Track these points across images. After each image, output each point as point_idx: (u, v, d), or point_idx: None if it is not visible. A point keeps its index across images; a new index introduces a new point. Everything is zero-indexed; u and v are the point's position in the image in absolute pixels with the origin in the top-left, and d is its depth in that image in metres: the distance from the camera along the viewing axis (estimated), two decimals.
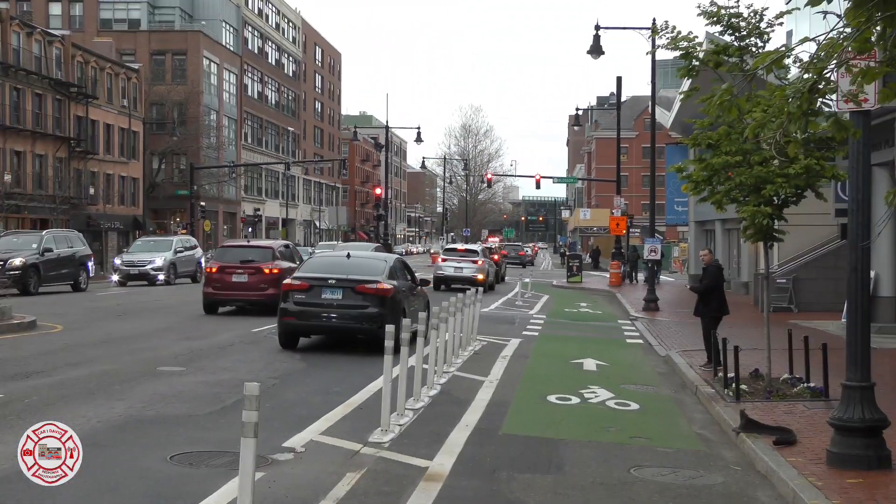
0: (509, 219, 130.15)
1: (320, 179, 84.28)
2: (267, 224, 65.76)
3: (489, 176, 54.55)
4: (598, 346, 14.34)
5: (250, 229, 59.54)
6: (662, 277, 36.71)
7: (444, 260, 28.44)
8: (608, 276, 35.42)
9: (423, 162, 67.00)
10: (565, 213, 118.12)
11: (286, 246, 19.62)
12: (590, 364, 11.93)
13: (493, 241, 74.16)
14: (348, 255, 12.58)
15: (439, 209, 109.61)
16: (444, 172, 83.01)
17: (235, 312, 17.47)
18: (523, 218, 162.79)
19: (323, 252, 15.61)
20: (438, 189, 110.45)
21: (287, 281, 12.01)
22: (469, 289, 14.18)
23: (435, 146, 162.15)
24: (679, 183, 10.52)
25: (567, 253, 67.86)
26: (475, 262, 28.13)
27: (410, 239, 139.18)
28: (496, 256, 33.25)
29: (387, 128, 48.54)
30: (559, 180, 48.46)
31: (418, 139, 45.14)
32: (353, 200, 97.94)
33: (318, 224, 79.65)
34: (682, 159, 10.69)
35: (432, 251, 65.31)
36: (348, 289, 11.60)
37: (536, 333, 15.89)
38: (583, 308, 22.82)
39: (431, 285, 28.48)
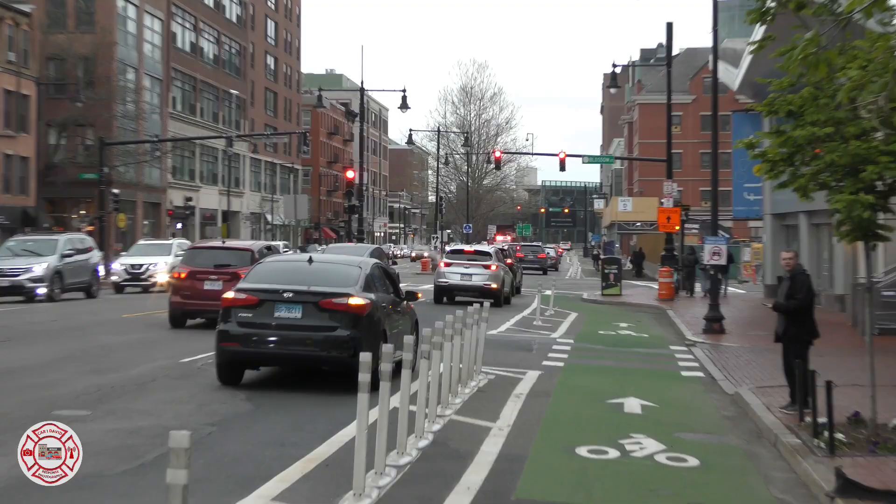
0: (524, 211, 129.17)
1: (274, 159, 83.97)
2: (202, 218, 65.67)
3: (497, 154, 54.59)
4: (644, 381, 14.46)
5: (179, 225, 59.47)
6: (729, 289, 36.73)
7: (447, 264, 29.35)
8: (656, 286, 35.71)
9: (411, 136, 66.56)
10: (599, 204, 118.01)
11: (268, 248, 20.69)
12: (632, 404, 12.01)
13: (502, 241, 74.10)
14: (310, 260, 12.77)
15: (432, 198, 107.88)
16: (438, 150, 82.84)
17: (168, 334, 17.95)
18: (543, 210, 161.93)
19: (278, 256, 15.90)
20: (430, 172, 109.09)
21: (229, 294, 12.18)
22: (480, 302, 14.19)
23: (426, 115, 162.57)
24: (750, 163, 10.77)
25: (601, 256, 66.33)
26: (487, 266, 28.93)
27: (394, 238, 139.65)
28: (509, 261, 33.89)
29: (361, 91, 48.23)
30: (590, 160, 47.77)
31: (404, 106, 44.88)
32: (316, 187, 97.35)
33: (269, 218, 79.35)
34: (754, 131, 10.64)
35: (426, 255, 65.85)
36: (310, 304, 11.72)
37: (561, 364, 16.03)
38: (623, 330, 23.03)
39: (432, 297, 29.28)
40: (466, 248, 31.67)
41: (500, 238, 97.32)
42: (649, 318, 27.18)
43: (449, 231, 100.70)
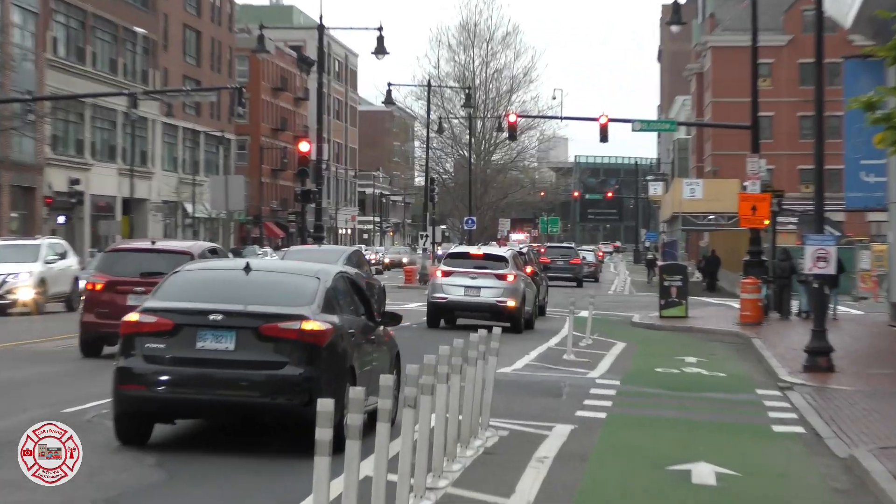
0: (550, 198, 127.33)
1: (196, 125, 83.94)
2: (94, 208, 65.57)
3: (512, 118, 54.09)
4: (720, 439, 14.57)
5: (62, 218, 59.35)
6: (840, 308, 36.90)
7: (445, 273, 30.16)
8: (736, 305, 36.16)
9: (390, 94, 66.13)
10: (655, 189, 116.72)
11: (213, 251, 21.27)
12: (703, 473, 12.12)
13: (519, 241, 72.86)
14: (247, 268, 12.97)
15: (419, 181, 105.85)
16: (429, 113, 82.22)
17: (61, 369, 18.23)
18: (576, 195, 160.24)
19: (202, 263, 15.94)
20: (418, 144, 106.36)
21: (131, 317, 12.33)
22: (490, 326, 14.70)
23: (411, 64, 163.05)
24: (870, 131, 10.87)
25: (658, 262, 67.41)
26: (502, 276, 29.68)
27: (366, 236, 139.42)
28: (529, 269, 34.49)
29: (321, 29, 48.08)
30: (644, 126, 46.69)
31: (380, 51, 44.94)
32: (256, 165, 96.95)
33: (190, 209, 79.18)
34: (875, 86, 10.93)
35: (405, 260, 64.12)
36: (247, 330, 11.93)
37: (602, 415, 16.20)
38: (690, 366, 23.32)
39: (423, 320, 29.90)
40: (473, 250, 32.36)
41: (515, 237, 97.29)
42: (727, 350, 27.30)
43: (444, 227, 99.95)
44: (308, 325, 11.94)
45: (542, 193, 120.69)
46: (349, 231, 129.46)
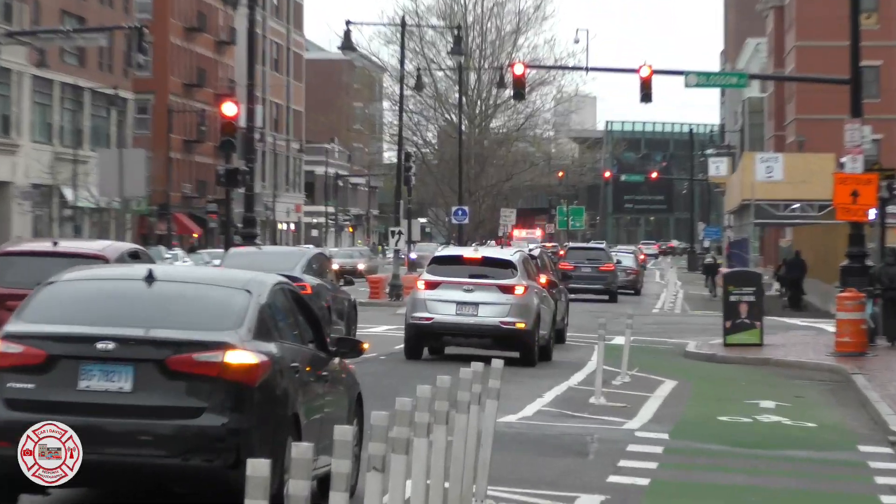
0: (572, 180, 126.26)
1: (79, 79, 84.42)
2: None
3: (519, 70, 54.93)
4: None
5: None
6: None
7: (430, 284, 30.70)
8: (831, 327, 36.39)
9: (348, 35, 65.87)
10: (717, 167, 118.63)
11: (134, 254, 22.38)
12: None
13: (528, 240, 71.63)
14: (150, 277, 12.93)
15: (389, 156, 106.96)
16: (403, 62, 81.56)
17: None
18: (608, 176, 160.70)
19: (89, 271, 15.81)
20: (388, 106, 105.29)
21: None
22: (490, 357, 14.69)
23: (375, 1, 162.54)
24: None
25: (722, 267, 67.63)
26: (508, 288, 30.28)
27: (315, 233, 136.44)
28: (544, 278, 35.10)
29: None
30: (702, 81, 47.27)
31: None
32: (162, 135, 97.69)
33: (70, 196, 79.52)
34: None
35: (361, 266, 65.17)
36: (149, 364, 11.98)
37: (644, 481, 16.37)
38: (767, 413, 23.57)
39: (400, 348, 30.29)
40: (468, 252, 32.89)
41: (523, 234, 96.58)
42: (818, 391, 27.49)
43: (424, 220, 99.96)
44: (234, 357, 11.97)
45: (561, 174, 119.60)
46: (292, 226, 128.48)
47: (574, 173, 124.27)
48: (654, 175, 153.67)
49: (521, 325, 29.42)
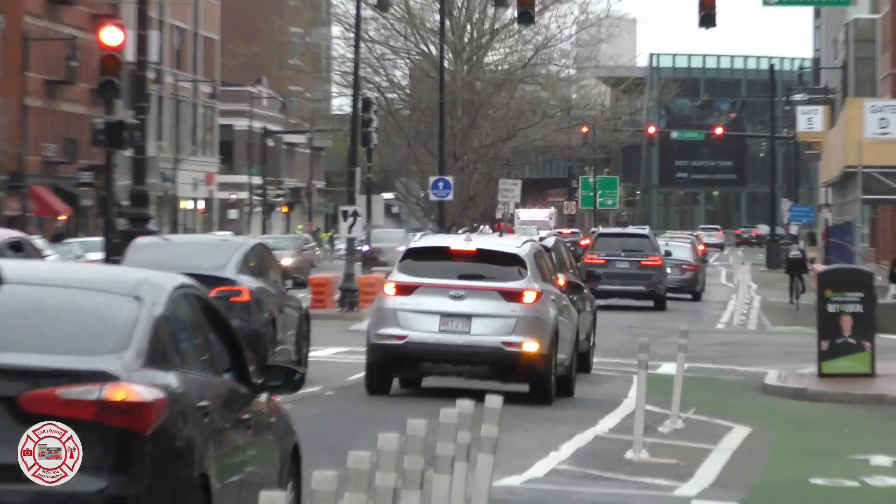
0: (601, 137, 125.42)
1: None
2: None
3: None
4: None
5: None
6: None
7: (401, 288, 31.16)
8: None
9: None
10: (809, 120, 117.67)
11: (15, 246, 23.73)
12: None
13: (539, 223, 72.30)
14: None
15: (341, 103, 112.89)
16: None
17: None
18: (651, 132, 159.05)
19: None
20: (338, 33, 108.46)
21: None
22: (485, 393, 15.09)
23: None
24: None
25: (815, 263, 68.70)
26: (513, 294, 30.73)
27: (234, 215, 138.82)
28: (564, 277, 36.03)
29: None
30: None
31: None
32: (15, 73, 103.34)
33: None
34: None
35: (287, 261, 65.62)
36: None
37: None
38: (880, 475, 24.25)
39: (359, 379, 31.65)
40: (457, 243, 33.49)
41: (532, 215, 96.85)
42: None
43: (390, 196, 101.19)
44: (117, 393, 11.96)
45: (586, 129, 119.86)
46: (201, 205, 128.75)
47: (605, 129, 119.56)
48: (719, 131, 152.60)
49: (531, 347, 30.04)
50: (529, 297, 30.05)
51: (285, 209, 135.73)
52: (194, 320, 13.91)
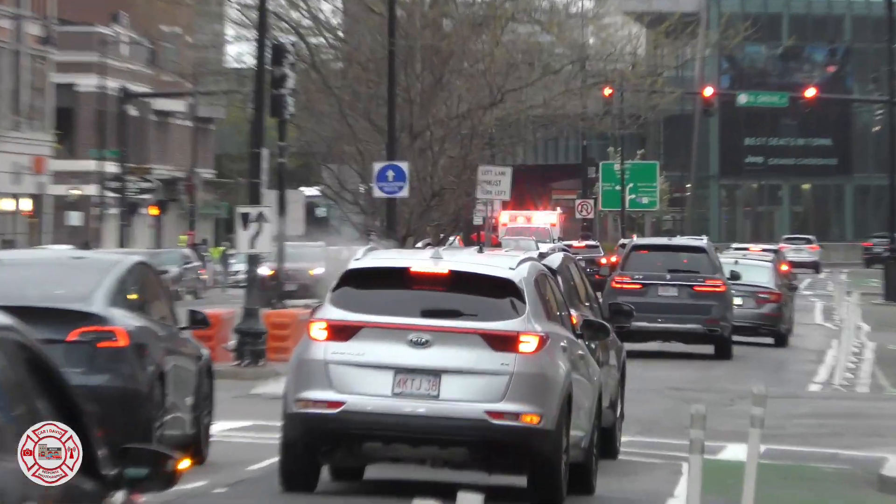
0: (632, 103, 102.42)
1: None
2: None
3: None
4: None
5: None
6: None
7: (337, 332, 27.20)
8: None
9: None
10: None
11: None
12: None
13: (532, 232, 65.84)
14: None
15: (239, 53, 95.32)
16: None
17: None
18: (708, 95, 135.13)
19: None
20: None
21: None
22: (464, 490, 12.82)
23: None
24: None
25: None
26: (503, 339, 26.45)
27: (77, 211, 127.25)
28: (575, 316, 31.67)
29: None
30: None
31: None
32: None
33: None
34: None
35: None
36: None
37: None
38: None
39: (272, 465, 29.22)
40: (418, 262, 28.36)
41: (527, 220, 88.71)
42: None
43: (314, 191, 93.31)
44: None
45: (609, 91, 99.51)
46: (28, 204, 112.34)
47: (637, 90, 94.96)
48: (811, 93, 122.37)
49: (530, 419, 25.83)
50: (529, 344, 26.40)
51: (155, 210, 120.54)
52: (13, 380, 11.75)
